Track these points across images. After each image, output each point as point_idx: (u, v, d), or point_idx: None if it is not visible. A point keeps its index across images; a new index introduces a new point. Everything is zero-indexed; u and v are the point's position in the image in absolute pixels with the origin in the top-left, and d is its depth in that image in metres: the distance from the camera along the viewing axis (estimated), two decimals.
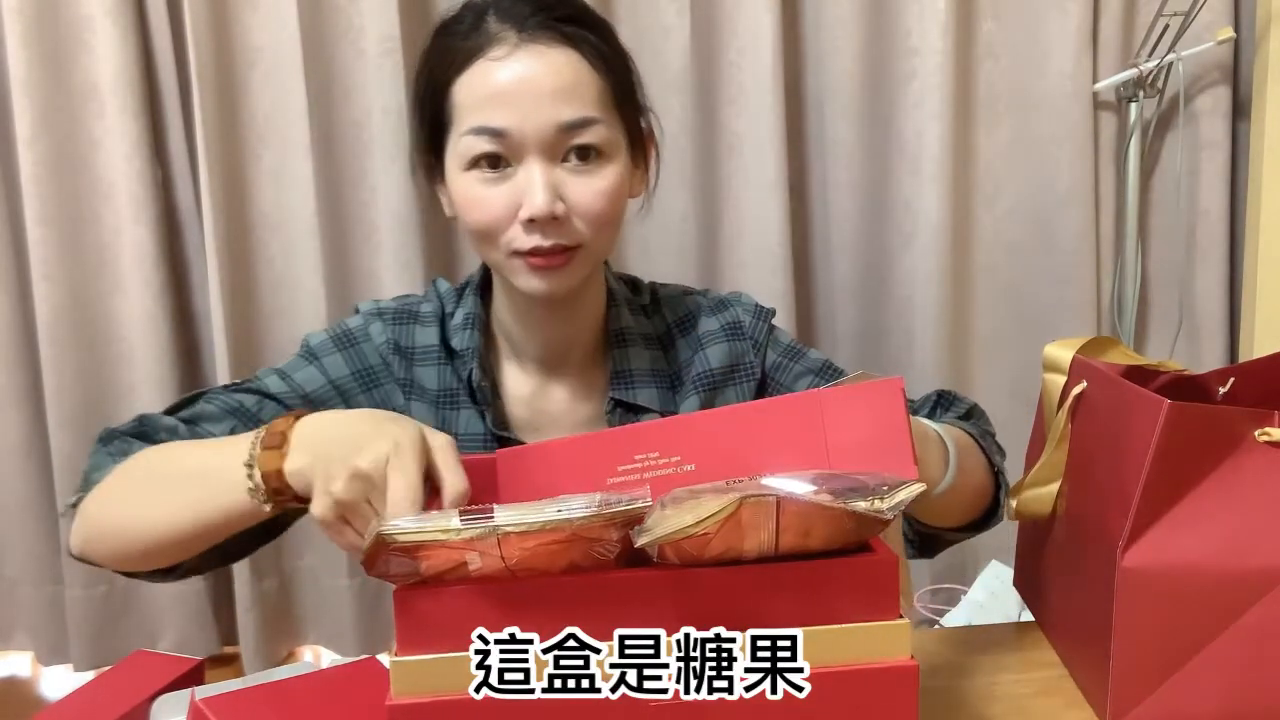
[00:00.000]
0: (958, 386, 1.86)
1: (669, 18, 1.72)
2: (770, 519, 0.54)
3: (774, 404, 0.74)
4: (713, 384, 1.02)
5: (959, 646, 0.92)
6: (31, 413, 1.75)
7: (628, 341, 1.01)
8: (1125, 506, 0.73)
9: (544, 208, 0.86)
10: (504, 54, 0.87)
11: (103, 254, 1.70)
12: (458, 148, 0.89)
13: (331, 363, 0.99)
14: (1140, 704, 0.75)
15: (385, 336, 1.00)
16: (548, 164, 0.87)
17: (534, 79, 0.86)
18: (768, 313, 1.07)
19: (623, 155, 0.92)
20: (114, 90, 1.63)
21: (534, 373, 1.01)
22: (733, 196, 1.78)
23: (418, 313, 1.02)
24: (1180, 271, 1.91)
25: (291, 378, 0.98)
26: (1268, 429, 0.74)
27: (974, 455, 0.88)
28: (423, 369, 0.99)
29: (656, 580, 0.56)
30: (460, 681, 0.54)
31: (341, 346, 1.00)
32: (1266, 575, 0.71)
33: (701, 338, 1.04)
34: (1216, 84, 1.85)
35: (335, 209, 1.72)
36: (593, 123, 0.88)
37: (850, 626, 0.56)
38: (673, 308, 1.06)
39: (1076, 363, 0.85)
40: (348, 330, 1.01)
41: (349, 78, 1.70)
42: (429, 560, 0.56)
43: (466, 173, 0.89)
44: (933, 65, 1.74)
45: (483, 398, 0.97)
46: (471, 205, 0.89)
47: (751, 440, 0.68)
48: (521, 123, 0.86)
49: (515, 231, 0.88)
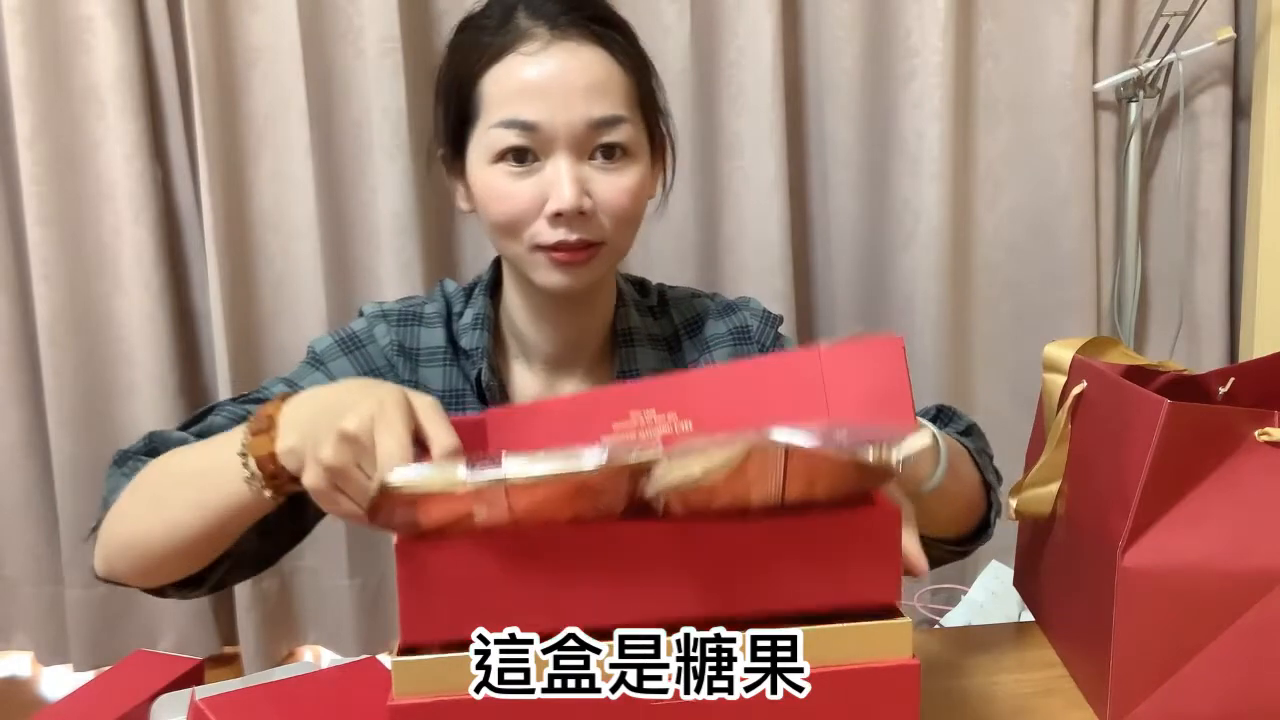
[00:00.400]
0: (958, 386, 1.86)
1: (669, 18, 1.73)
2: (777, 468, 0.54)
3: (772, 360, 0.73)
4: None
5: (959, 646, 0.92)
6: (31, 413, 1.75)
7: (635, 342, 1.01)
8: (1125, 507, 0.73)
9: (572, 202, 0.86)
10: (536, 49, 0.87)
11: (103, 254, 1.70)
12: (485, 139, 0.89)
13: (338, 367, 0.99)
14: (1140, 704, 0.75)
15: (390, 338, 1.00)
16: (575, 160, 0.88)
17: (566, 75, 0.87)
18: (775, 319, 1.07)
19: (645, 155, 0.93)
20: (114, 90, 1.63)
21: (541, 372, 1.01)
22: (733, 196, 1.78)
23: (422, 314, 1.02)
24: (1180, 271, 1.91)
25: (298, 385, 0.97)
26: (1268, 429, 0.74)
27: (967, 464, 0.89)
28: (428, 370, 0.99)
29: (663, 534, 0.56)
30: (461, 681, 0.54)
31: (347, 350, 1.00)
32: (1267, 575, 0.71)
33: (709, 341, 1.04)
34: (1216, 84, 1.85)
35: (335, 209, 1.72)
36: (621, 121, 0.89)
37: (851, 626, 0.56)
38: (680, 310, 1.06)
39: (1076, 363, 0.85)
40: (353, 334, 1.01)
41: (349, 78, 1.70)
42: (433, 512, 0.56)
43: (493, 165, 0.89)
44: (933, 65, 1.74)
45: (491, 398, 0.97)
46: (496, 198, 0.89)
47: (750, 398, 0.67)
48: (553, 117, 0.86)
49: (540, 226, 0.89)
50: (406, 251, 1.70)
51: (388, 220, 1.70)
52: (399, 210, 1.68)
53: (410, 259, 1.70)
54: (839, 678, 0.55)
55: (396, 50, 1.65)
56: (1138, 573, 0.73)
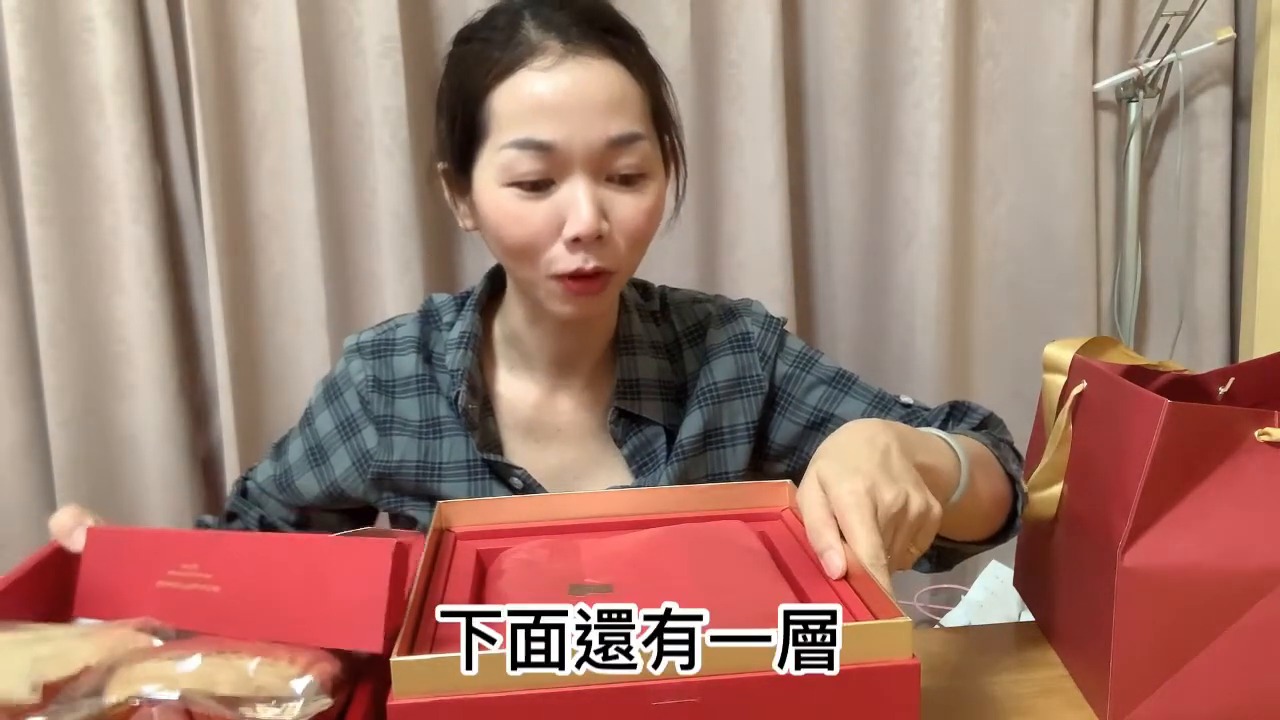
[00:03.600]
0: (958, 386, 1.86)
1: (669, 18, 1.72)
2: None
3: (299, 542, 0.72)
4: (717, 398, 1.01)
5: (959, 646, 0.92)
6: (31, 413, 1.75)
7: (636, 350, 1.00)
8: (1125, 507, 0.73)
9: (591, 226, 0.83)
10: (550, 64, 0.83)
11: (103, 254, 1.69)
12: (496, 160, 0.85)
13: (321, 422, 1.03)
14: (1140, 704, 0.75)
15: (365, 374, 0.99)
16: (592, 181, 0.84)
17: (583, 91, 0.83)
18: (778, 322, 1.04)
19: (660, 172, 0.90)
20: (114, 90, 1.63)
21: (541, 381, 1.00)
22: (733, 196, 1.78)
23: (394, 340, 1.01)
24: (1180, 271, 1.91)
25: (291, 478, 1.06)
26: (1268, 429, 0.74)
27: (989, 466, 0.86)
28: (404, 401, 0.98)
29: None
30: (462, 682, 0.54)
31: (329, 400, 1.03)
32: (1267, 575, 0.72)
33: (710, 350, 1.02)
34: (1216, 84, 1.85)
35: (335, 209, 1.72)
36: (638, 138, 0.85)
37: (851, 626, 0.56)
38: (682, 315, 1.04)
39: (1076, 363, 0.85)
40: (333, 380, 1.04)
41: (349, 78, 1.69)
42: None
43: (504, 187, 0.85)
44: (933, 65, 1.74)
45: (469, 422, 0.96)
46: (509, 221, 0.85)
47: (273, 571, 0.66)
48: (570, 136, 0.82)
49: (557, 251, 0.85)
50: (406, 251, 1.70)
51: (388, 220, 1.70)
52: (399, 210, 1.68)
53: (410, 259, 1.70)
54: (839, 677, 0.55)
55: (396, 50, 1.64)
56: (1138, 573, 0.73)
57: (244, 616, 0.64)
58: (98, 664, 0.58)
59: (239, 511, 1.08)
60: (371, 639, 0.61)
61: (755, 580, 0.68)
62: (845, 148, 1.80)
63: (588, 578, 0.67)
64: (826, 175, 1.83)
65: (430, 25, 1.72)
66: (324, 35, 1.68)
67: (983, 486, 0.83)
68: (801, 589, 0.66)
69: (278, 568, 0.66)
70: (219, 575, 0.67)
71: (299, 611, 0.63)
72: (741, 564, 0.70)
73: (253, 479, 1.10)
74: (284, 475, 1.05)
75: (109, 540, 0.73)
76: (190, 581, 0.67)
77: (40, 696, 0.56)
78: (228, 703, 0.55)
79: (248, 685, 0.56)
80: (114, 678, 0.57)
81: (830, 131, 1.80)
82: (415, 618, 0.62)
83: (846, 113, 1.79)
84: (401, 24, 1.64)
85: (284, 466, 1.06)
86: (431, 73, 1.72)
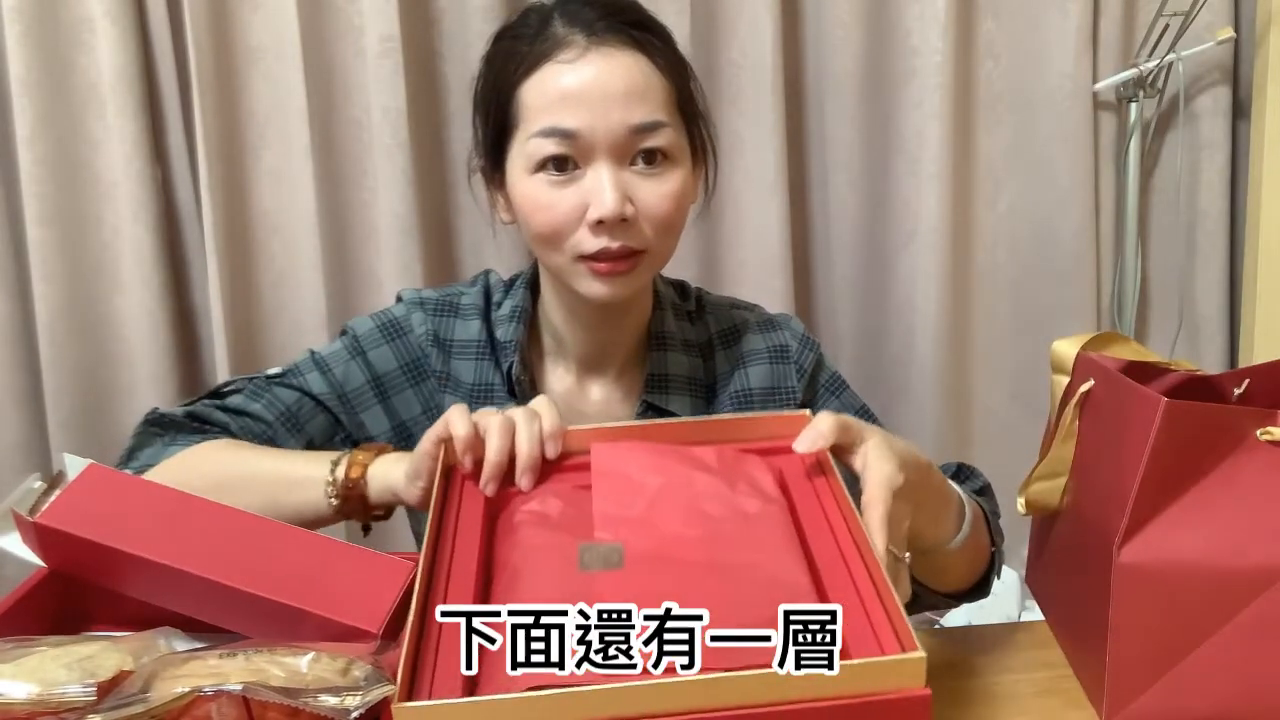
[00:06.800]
0: (957, 385, 1.86)
1: (669, 18, 1.70)
2: (230, 715, 0.55)
3: (321, 542, 0.74)
4: (750, 403, 1.02)
5: (959, 646, 0.92)
6: (31, 413, 1.75)
7: (668, 346, 1.01)
8: (1123, 503, 0.73)
9: (614, 208, 0.85)
10: (574, 56, 0.87)
11: (103, 254, 1.69)
12: (525, 149, 0.88)
13: (378, 356, 0.99)
14: (1136, 700, 0.75)
15: (425, 327, 1.00)
16: (616, 167, 0.87)
17: (605, 81, 0.86)
18: (816, 343, 1.07)
19: (687, 160, 0.92)
20: (114, 90, 1.63)
21: (574, 371, 1.01)
22: (733, 196, 1.78)
23: (459, 305, 1.02)
24: (1180, 271, 1.91)
25: (332, 373, 0.98)
26: (1269, 428, 0.74)
27: (981, 527, 0.90)
28: (461, 362, 1.00)
29: None
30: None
31: (390, 338, 1.00)
32: (1264, 573, 0.71)
33: (745, 355, 1.03)
34: (1216, 84, 1.85)
35: (335, 209, 1.72)
36: (661, 126, 0.88)
37: (863, 662, 0.54)
38: (718, 318, 1.06)
39: (1082, 359, 0.85)
40: (394, 319, 1.01)
41: (349, 78, 1.69)
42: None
43: (533, 176, 0.88)
44: (933, 65, 1.74)
45: (521, 392, 0.97)
46: (538, 208, 0.88)
47: (288, 552, 0.71)
48: (592, 124, 0.86)
49: (582, 234, 0.88)
50: (406, 251, 1.70)
51: (388, 220, 1.70)
52: (399, 210, 1.68)
53: (410, 259, 1.70)
54: (849, 707, 0.54)
55: (396, 50, 1.64)
56: (1133, 569, 0.73)
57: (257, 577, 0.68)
58: (136, 668, 0.59)
59: (210, 422, 0.96)
60: (371, 619, 0.64)
61: (767, 544, 0.66)
62: (845, 148, 1.80)
63: (599, 532, 0.66)
64: (826, 175, 1.83)
65: (430, 25, 1.72)
66: (324, 35, 1.68)
67: (973, 543, 0.86)
68: (814, 561, 0.65)
69: (295, 547, 0.71)
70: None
71: (307, 586, 0.67)
72: (754, 530, 0.68)
73: (245, 405, 0.98)
74: (314, 402, 0.98)
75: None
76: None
77: (96, 694, 0.57)
78: (288, 694, 0.56)
79: (302, 679, 0.57)
80: (157, 680, 0.57)
81: (830, 131, 1.81)
82: (420, 617, 0.61)
83: (846, 113, 1.79)
84: (401, 24, 1.64)
85: (319, 390, 0.98)
86: (432, 72, 1.73)
